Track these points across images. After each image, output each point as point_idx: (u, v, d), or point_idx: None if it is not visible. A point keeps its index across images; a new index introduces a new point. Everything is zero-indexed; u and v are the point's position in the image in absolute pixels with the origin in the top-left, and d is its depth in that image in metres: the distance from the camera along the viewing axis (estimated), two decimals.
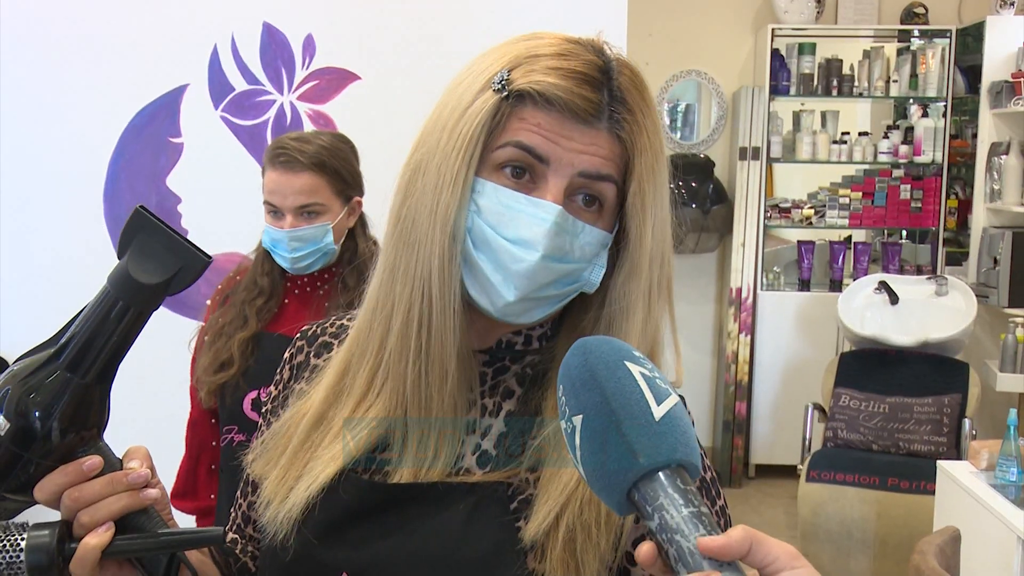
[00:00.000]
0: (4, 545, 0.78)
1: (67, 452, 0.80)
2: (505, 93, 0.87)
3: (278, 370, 1.07)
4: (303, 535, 0.91)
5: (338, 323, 1.05)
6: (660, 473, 0.66)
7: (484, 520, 0.87)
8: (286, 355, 1.07)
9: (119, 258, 0.80)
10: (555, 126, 0.87)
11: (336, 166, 1.96)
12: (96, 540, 0.79)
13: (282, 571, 0.92)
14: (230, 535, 1.05)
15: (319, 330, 1.06)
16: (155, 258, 0.79)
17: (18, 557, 0.78)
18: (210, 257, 0.81)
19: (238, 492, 1.07)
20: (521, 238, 0.87)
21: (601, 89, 0.88)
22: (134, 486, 0.82)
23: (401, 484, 0.90)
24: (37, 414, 0.78)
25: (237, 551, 1.03)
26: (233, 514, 1.07)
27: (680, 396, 0.73)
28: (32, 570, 0.78)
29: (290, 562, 0.92)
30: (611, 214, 0.90)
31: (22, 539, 0.78)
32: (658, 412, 0.68)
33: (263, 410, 1.07)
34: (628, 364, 0.70)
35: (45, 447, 0.79)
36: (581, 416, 0.68)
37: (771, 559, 0.64)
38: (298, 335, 1.07)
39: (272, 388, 1.07)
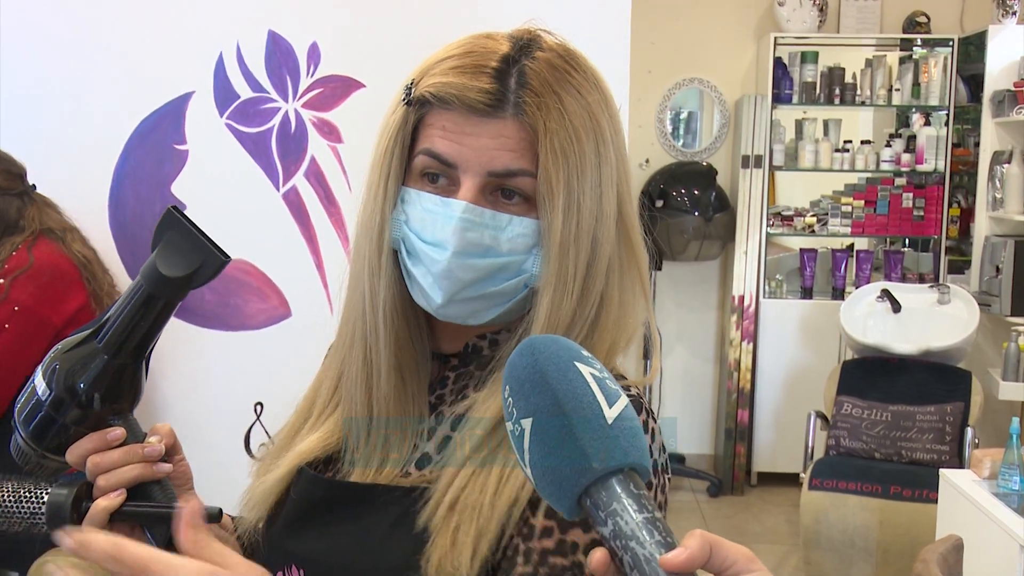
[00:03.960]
0: (31, 497, 0.88)
1: (99, 421, 0.89)
2: (409, 102, 0.89)
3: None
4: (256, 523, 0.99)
5: None
6: (613, 478, 0.64)
7: (406, 528, 0.86)
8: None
9: (151, 252, 0.88)
10: (459, 124, 0.87)
11: None
12: (106, 503, 0.87)
13: (245, 554, 0.99)
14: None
15: None
16: (180, 254, 0.87)
17: (40, 509, 0.88)
18: (228, 257, 0.88)
19: None
20: (435, 239, 0.88)
21: (503, 77, 0.86)
22: (148, 459, 0.89)
23: (342, 482, 0.93)
24: (81, 386, 0.88)
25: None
26: None
27: (631, 395, 0.73)
28: (49, 521, 0.87)
29: (249, 545, 1.00)
30: None
31: (46, 494, 0.87)
32: (610, 415, 0.65)
33: None
34: (578, 364, 0.66)
35: (82, 415, 0.89)
36: (531, 419, 0.65)
37: (729, 562, 0.62)
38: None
39: None
